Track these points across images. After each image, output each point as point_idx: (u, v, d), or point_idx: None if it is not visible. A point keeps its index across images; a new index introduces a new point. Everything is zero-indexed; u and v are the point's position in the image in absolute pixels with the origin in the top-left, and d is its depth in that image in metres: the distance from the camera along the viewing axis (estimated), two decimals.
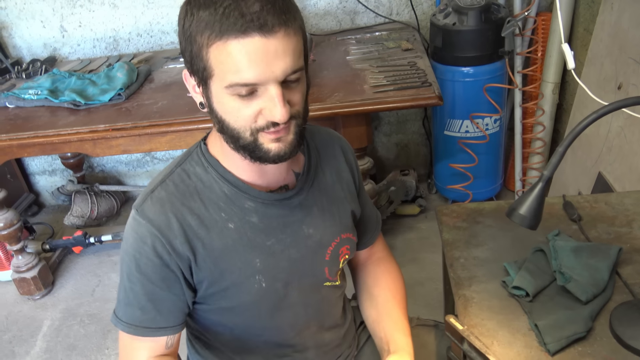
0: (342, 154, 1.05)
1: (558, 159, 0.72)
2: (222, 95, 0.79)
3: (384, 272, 1.13)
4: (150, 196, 0.88)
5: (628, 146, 1.61)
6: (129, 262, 0.88)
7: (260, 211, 0.92)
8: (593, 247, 1.05)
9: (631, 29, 1.62)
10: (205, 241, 0.88)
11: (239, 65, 0.75)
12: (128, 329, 0.89)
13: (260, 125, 0.80)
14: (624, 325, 0.90)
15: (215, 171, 0.90)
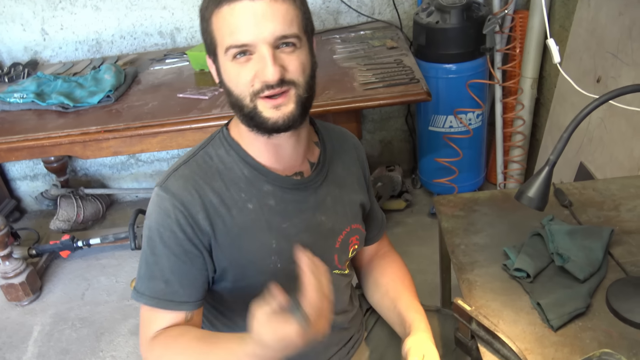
0: (354, 150, 1.11)
1: (563, 144, 0.77)
2: (224, 63, 0.87)
3: (389, 262, 1.18)
4: (174, 174, 0.93)
5: (608, 136, 1.70)
6: (153, 236, 0.91)
7: (277, 195, 0.96)
8: (586, 230, 1.11)
9: (608, 24, 1.71)
10: (225, 219, 0.92)
11: (232, 27, 0.83)
12: (151, 301, 0.92)
13: (256, 88, 0.85)
14: (620, 300, 0.97)
15: (237, 154, 0.95)
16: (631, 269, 1.05)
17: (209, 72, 2.37)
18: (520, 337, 0.95)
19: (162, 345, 0.90)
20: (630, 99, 1.51)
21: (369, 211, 1.15)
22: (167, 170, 0.95)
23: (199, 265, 0.93)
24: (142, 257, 0.94)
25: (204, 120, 1.86)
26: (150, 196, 0.96)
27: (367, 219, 1.15)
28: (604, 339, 0.92)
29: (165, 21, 2.61)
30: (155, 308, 0.92)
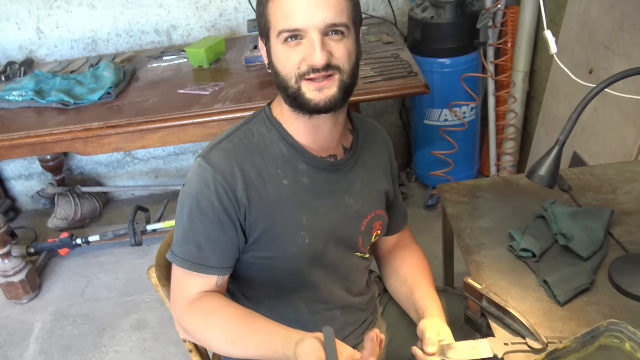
0: (383, 142, 1.16)
1: (572, 124, 0.82)
2: (275, 45, 0.92)
3: (409, 252, 1.22)
4: (217, 147, 0.98)
5: (601, 125, 1.75)
6: (191, 203, 0.96)
7: (311, 175, 1.01)
8: (587, 211, 1.16)
9: (600, 16, 1.76)
10: (261, 192, 0.97)
11: (286, 12, 0.88)
12: (183, 264, 0.97)
13: (303, 71, 0.90)
14: (622, 276, 1.01)
15: (277, 132, 1.00)
16: (630, 247, 1.10)
17: (207, 68, 2.40)
18: (529, 312, 0.99)
19: (199, 315, 0.95)
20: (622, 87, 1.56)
21: (392, 201, 1.20)
22: (209, 143, 1.01)
23: (231, 235, 0.97)
24: (177, 222, 0.99)
25: (206, 115, 1.88)
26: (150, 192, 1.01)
27: (390, 209, 1.19)
28: (608, 312, 0.97)
29: (161, 19, 2.62)
30: (187, 271, 0.97)
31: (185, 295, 0.98)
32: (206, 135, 1.97)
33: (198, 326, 0.95)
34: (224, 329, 0.93)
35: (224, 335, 0.93)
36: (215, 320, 0.94)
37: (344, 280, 1.12)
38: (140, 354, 2.11)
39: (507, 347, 0.93)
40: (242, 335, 0.91)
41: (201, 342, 1.00)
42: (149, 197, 3.11)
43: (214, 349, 0.99)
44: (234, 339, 0.92)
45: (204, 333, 0.95)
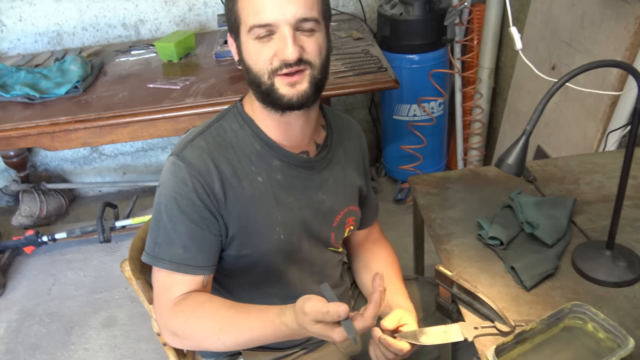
0: (357, 138, 1.17)
1: (538, 115, 0.85)
2: (246, 41, 0.92)
3: (380, 248, 1.24)
4: (190, 144, 0.97)
5: (564, 120, 1.82)
6: (169, 204, 0.94)
7: (285, 171, 1.01)
8: (552, 200, 1.21)
9: (562, 14, 1.82)
10: (237, 189, 0.97)
11: (257, 8, 0.88)
12: (170, 266, 0.95)
13: (275, 66, 0.90)
14: (584, 262, 1.06)
15: (250, 129, 1.00)
16: (592, 234, 1.15)
17: (177, 63, 2.38)
18: (497, 297, 1.03)
19: (188, 311, 0.93)
20: (584, 82, 1.63)
21: (365, 196, 1.21)
22: (181, 141, 0.99)
23: (215, 231, 0.96)
24: (156, 224, 0.97)
25: (178, 110, 1.87)
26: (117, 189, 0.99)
27: (363, 203, 1.21)
28: (571, 296, 1.01)
29: (129, 13, 2.59)
30: (172, 273, 0.95)
31: (171, 298, 0.95)
32: (177, 130, 1.96)
33: (188, 322, 0.92)
34: (215, 318, 0.91)
35: (216, 324, 0.91)
36: (204, 312, 0.92)
37: (319, 275, 1.13)
38: (110, 351, 2.08)
39: (477, 330, 0.96)
40: (234, 319, 0.90)
41: (193, 341, 0.94)
42: (117, 193, 3.07)
43: (207, 343, 0.93)
44: (227, 324, 0.90)
45: (194, 327, 0.92)
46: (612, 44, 1.57)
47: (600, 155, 1.46)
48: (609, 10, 1.57)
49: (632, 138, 0.92)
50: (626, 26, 1.51)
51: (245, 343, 0.92)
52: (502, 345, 0.87)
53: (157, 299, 0.98)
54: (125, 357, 2.06)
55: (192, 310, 0.93)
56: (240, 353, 1.14)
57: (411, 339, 0.98)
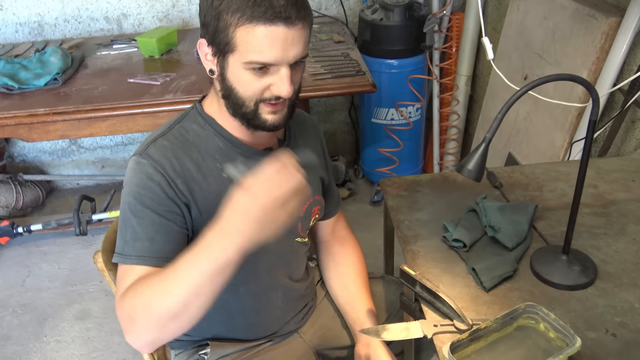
0: (314, 130, 1.21)
1: (497, 123, 0.89)
2: (238, 68, 0.92)
3: (350, 250, 1.29)
4: (153, 143, 0.98)
5: (533, 129, 1.88)
6: (134, 200, 0.94)
7: (249, 166, 1.03)
8: (514, 206, 1.26)
9: (534, 27, 1.88)
10: (202, 186, 0.99)
11: (262, 47, 0.88)
12: (137, 260, 0.92)
13: (265, 97, 0.93)
14: (542, 265, 1.11)
15: (212, 128, 1.02)
16: (551, 239, 1.20)
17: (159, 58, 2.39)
18: (457, 297, 1.07)
19: (131, 293, 0.87)
20: (552, 94, 1.69)
21: (327, 186, 1.25)
22: (143, 142, 1.00)
23: (181, 224, 0.97)
24: (123, 223, 0.96)
25: (157, 105, 1.89)
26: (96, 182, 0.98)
27: (325, 193, 1.25)
28: (528, 297, 1.06)
29: (112, 6, 2.59)
30: (138, 266, 0.92)
31: (124, 287, 0.90)
32: (155, 125, 1.98)
33: (127, 298, 0.86)
34: (149, 286, 0.84)
35: (151, 291, 0.83)
36: (150, 279, 0.86)
37: (287, 267, 1.16)
38: (83, 343, 2.09)
39: (436, 328, 1.00)
40: (166, 277, 0.82)
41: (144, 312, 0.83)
42: (95, 187, 3.07)
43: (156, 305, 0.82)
44: (161, 286, 0.82)
45: (141, 296, 0.84)
46: (580, 57, 1.63)
47: (564, 164, 1.52)
48: (578, 25, 1.63)
49: (586, 149, 0.97)
50: (593, 41, 1.57)
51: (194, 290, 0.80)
52: (457, 342, 0.91)
53: (116, 293, 0.93)
54: (98, 349, 2.07)
55: (137, 284, 0.88)
56: (208, 344, 1.16)
57: (373, 335, 1.02)
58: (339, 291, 1.25)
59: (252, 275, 1.11)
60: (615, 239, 1.19)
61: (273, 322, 1.18)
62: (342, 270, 1.27)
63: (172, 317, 0.81)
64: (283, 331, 1.20)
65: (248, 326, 1.16)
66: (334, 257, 1.29)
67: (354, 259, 1.28)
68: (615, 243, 1.18)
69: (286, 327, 1.21)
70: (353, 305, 1.21)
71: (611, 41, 1.52)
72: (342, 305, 1.25)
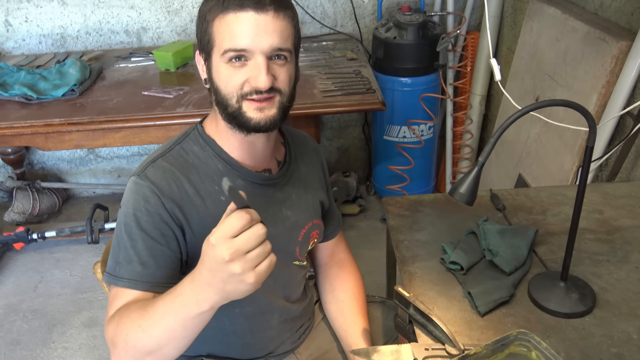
0: (314, 153, 1.21)
1: (490, 147, 0.89)
2: (218, 63, 0.94)
3: (348, 275, 1.28)
4: (152, 164, 0.98)
5: (544, 150, 1.86)
6: (129, 221, 0.94)
7: (248, 190, 1.03)
8: (515, 229, 1.24)
9: (546, 49, 1.87)
10: (200, 209, 0.99)
11: (234, 33, 0.90)
12: (129, 284, 0.93)
13: (246, 91, 0.93)
14: (539, 291, 1.09)
15: (212, 149, 1.02)
16: (551, 265, 1.18)
17: (174, 72, 2.43)
18: (451, 321, 1.06)
19: (115, 319, 0.88)
20: (563, 116, 1.67)
21: (327, 209, 1.25)
22: (143, 162, 1.00)
23: (174, 248, 0.96)
24: (117, 244, 0.96)
25: (168, 118, 1.92)
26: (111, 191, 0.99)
27: (325, 216, 1.24)
28: (523, 324, 1.04)
29: (132, 20, 2.65)
30: (129, 290, 0.93)
31: (113, 310, 0.92)
32: (168, 138, 1.97)
33: (114, 329, 0.87)
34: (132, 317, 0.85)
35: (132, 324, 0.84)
36: (125, 314, 0.87)
37: (283, 289, 1.16)
38: (89, 351, 2.11)
39: (427, 352, 0.99)
40: (145, 315, 0.83)
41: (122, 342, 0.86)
42: (111, 195, 3.12)
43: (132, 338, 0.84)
44: (140, 322, 0.83)
45: (122, 326, 0.86)
46: (590, 80, 1.61)
47: (571, 188, 1.50)
48: (589, 48, 1.62)
49: (583, 175, 0.96)
50: (603, 64, 1.55)
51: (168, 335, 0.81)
52: None
53: (107, 313, 0.94)
54: (104, 358, 2.09)
55: (122, 311, 0.89)
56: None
57: (363, 357, 1.01)
58: (335, 316, 1.24)
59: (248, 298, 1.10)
60: (618, 266, 1.17)
61: (268, 342, 1.17)
62: (338, 295, 1.25)
63: (148, 353, 0.84)
64: (279, 351, 1.20)
65: (243, 346, 1.16)
66: (332, 281, 1.28)
67: (352, 284, 1.27)
68: (617, 271, 1.16)
69: (282, 347, 1.20)
70: (347, 331, 1.20)
71: (621, 65, 1.51)
72: (337, 330, 1.24)
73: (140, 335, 0.83)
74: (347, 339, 1.20)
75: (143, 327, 0.82)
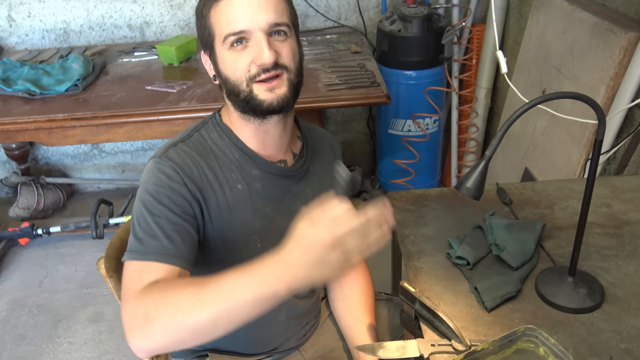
0: (331, 150, 1.20)
1: (497, 141, 0.87)
2: (222, 53, 0.95)
3: (357, 273, 1.26)
4: (173, 147, 0.99)
5: (550, 144, 1.84)
6: (151, 199, 0.92)
7: (264, 180, 1.04)
8: (522, 224, 1.23)
9: (553, 41, 1.85)
10: (217, 194, 0.99)
11: (230, 17, 0.92)
12: (157, 257, 0.88)
13: (253, 73, 0.93)
14: (547, 286, 1.08)
15: (229, 138, 1.03)
16: (559, 259, 1.17)
17: (177, 66, 2.41)
18: (458, 316, 1.05)
19: (157, 290, 0.81)
20: (570, 109, 1.65)
21: None
22: (163, 146, 1.00)
23: (195, 227, 0.95)
24: (137, 222, 0.93)
25: (172, 113, 1.91)
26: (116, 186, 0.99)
27: None
28: (530, 319, 1.03)
29: (135, 15, 2.64)
30: (147, 262, 0.88)
31: (143, 284, 0.84)
32: (171, 133, 2.00)
33: (152, 297, 0.80)
34: (183, 292, 0.77)
35: (183, 299, 0.76)
36: (173, 287, 0.80)
37: None
38: (95, 346, 2.12)
39: (433, 348, 0.98)
40: (204, 289, 0.76)
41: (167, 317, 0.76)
42: (115, 191, 3.11)
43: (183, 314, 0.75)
44: (197, 296, 0.75)
45: (169, 299, 0.77)
46: (598, 72, 1.59)
47: (578, 181, 1.48)
48: (597, 40, 1.60)
49: (592, 167, 0.94)
50: (611, 56, 1.53)
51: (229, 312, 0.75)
52: None
53: (126, 289, 0.87)
54: (109, 352, 2.09)
55: (167, 287, 0.81)
56: (207, 355, 1.16)
57: (369, 353, 1.00)
58: (342, 314, 1.23)
59: None
60: (627, 261, 1.16)
61: (274, 338, 1.17)
62: (347, 293, 1.24)
63: (195, 331, 0.75)
64: (284, 347, 1.19)
65: (249, 341, 1.15)
66: (341, 281, 1.26)
67: (360, 282, 1.25)
68: (626, 265, 1.14)
69: (287, 344, 1.19)
70: (353, 329, 1.19)
71: (630, 56, 1.48)
72: (344, 328, 1.23)
73: (196, 308, 0.74)
74: (353, 337, 1.19)
75: (202, 301, 0.74)
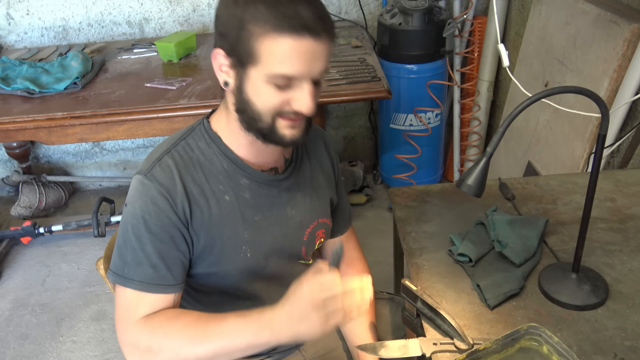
0: (324, 147, 1.17)
1: (499, 137, 0.86)
2: (259, 80, 0.88)
3: (356, 272, 1.24)
4: (158, 163, 0.96)
5: (553, 137, 1.82)
6: (137, 223, 0.93)
7: (253, 189, 1.02)
8: (525, 220, 1.21)
9: (556, 33, 1.83)
10: (203, 209, 0.97)
11: (288, 59, 0.84)
12: (140, 286, 0.93)
13: (284, 111, 0.90)
14: (550, 283, 1.07)
15: (217, 147, 1.00)
16: (562, 255, 1.15)
17: (177, 63, 2.40)
18: (460, 314, 1.04)
19: (156, 323, 0.91)
20: (573, 102, 1.63)
21: (336, 206, 1.21)
22: (148, 159, 0.98)
23: (183, 248, 0.96)
24: (124, 243, 0.95)
25: (171, 110, 1.90)
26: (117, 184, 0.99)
27: (334, 212, 1.21)
28: (533, 316, 1.02)
29: (134, 11, 2.63)
30: (143, 292, 0.93)
31: (139, 315, 0.93)
32: (171, 130, 1.99)
33: (155, 333, 0.90)
34: (185, 329, 0.89)
35: (186, 336, 0.88)
36: (182, 322, 0.90)
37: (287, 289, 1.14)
38: (98, 344, 2.12)
39: (435, 346, 0.97)
40: (206, 328, 0.88)
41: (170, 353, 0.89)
42: (117, 188, 3.11)
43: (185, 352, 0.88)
44: (206, 331, 0.88)
45: (173, 339, 0.89)
46: (601, 64, 1.57)
47: (582, 175, 1.46)
48: (600, 31, 1.58)
49: (596, 162, 0.92)
50: (615, 48, 1.51)
51: (225, 351, 0.88)
52: None
53: (122, 317, 0.95)
54: (112, 351, 2.09)
55: (168, 323, 0.91)
56: None
57: (370, 352, 0.99)
58: None
59: (255, 294, 1.09)
60: (631, 256, 1.14)
61: None
62: None
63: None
64: (284, 347, 1.18)
65: None
66: None
67: None
68: (630, 261, 1.13)
69: (284, 346, 1.18)
70: (353, 330, 1.17)
71: (634, 48, 1.46)
72: (344, 327, 1.21)
73: (197, 345, 0.87)
74: (352, 338, 1.18)
75: (202, 339, 0.87)
